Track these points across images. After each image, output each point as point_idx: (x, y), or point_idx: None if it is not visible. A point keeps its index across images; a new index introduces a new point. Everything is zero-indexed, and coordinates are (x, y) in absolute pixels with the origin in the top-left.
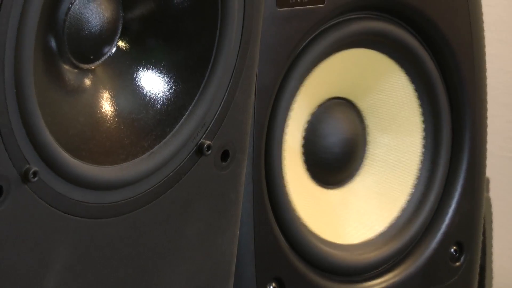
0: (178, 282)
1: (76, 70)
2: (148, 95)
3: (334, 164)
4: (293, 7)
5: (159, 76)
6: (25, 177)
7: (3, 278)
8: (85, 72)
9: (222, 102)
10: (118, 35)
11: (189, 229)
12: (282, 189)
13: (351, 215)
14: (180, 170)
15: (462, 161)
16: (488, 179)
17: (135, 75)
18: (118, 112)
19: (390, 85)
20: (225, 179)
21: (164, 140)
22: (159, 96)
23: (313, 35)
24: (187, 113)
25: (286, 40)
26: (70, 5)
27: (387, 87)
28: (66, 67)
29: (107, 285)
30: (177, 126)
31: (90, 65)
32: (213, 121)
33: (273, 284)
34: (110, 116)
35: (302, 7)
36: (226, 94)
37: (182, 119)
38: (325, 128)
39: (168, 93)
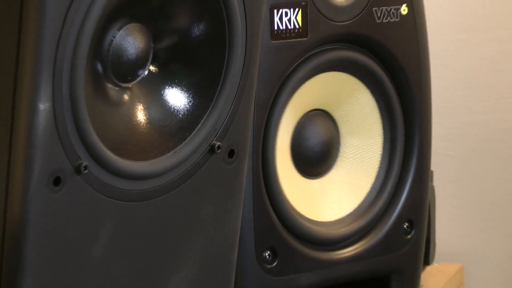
0: (196, 250)
1: (117, 88)
2: (172, 107)
3: (314, 160)
4: (283, 40)
5: (181, 92)
6: (77, 170)
7: (60, 249)
8: (124, 89)
9: (229, 113)
10: (150, 61)
11: (203, 210)
12: (275, 179)
13: (327, 199)
14: (197, 165)
15: (412, 158)
16: (432, 172)
17: (162, 92)
18: (149, 120)
19: (357, 99)
20: (231, 172)
21: (184, 142)
22: (180, 108)
23: (298, 61)
24: (202, 121)
25: (278, 65)
26: (113, 38)
27: (355, 101)
28: (109, 85)
29: (141, 252)
30: (194, 131)
31: (128, 84)
32: (222, 127)
33: (268, 252)
34: (143, 123)
35: (290, 40)
36: (232, 106)
37: (198, 126)
38: (308, 133)
39: (187, 106)
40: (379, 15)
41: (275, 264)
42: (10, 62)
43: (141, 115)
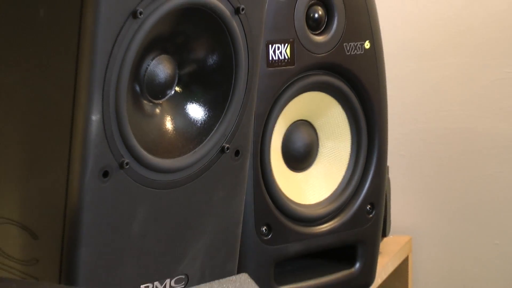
0: (209, 226)
1: (150, 104)
2: (192, 118)
3: (299, 158)
4: (276, 67)
5: (199, 107)
6: (121, 166)
7: (107, 226)
8: (156, 105)
9: (235, 122)
10: (175, 83)
11: (215, 196)
12: (270, 173)
13: (309, 187)
14: (211, 162)
15: (373, 156)
16: (388, 167)
17: (185, 107)
18: (175, 128)
19: (332, 113)
20: (237, 167)
21: (201, 144)
22: (199, 119)
23: (287, 84)
24: (215, 129)
25: (272, 87)
26: (148, 66)
27: (330, 114)
28: (145, 102)
29: (167, 228)
30: (209, 136)
31: (159, 101)
32: (230, 133)
33: (264, 227)
34: (170, 130)
35: (281, 68)
36: (237, 117)
37: (212, 132)
38: (295, 137)
39: (204, 117)
40: (348, 49)
41: (270, 236)
42: (69, 85)
43: (168, 124)
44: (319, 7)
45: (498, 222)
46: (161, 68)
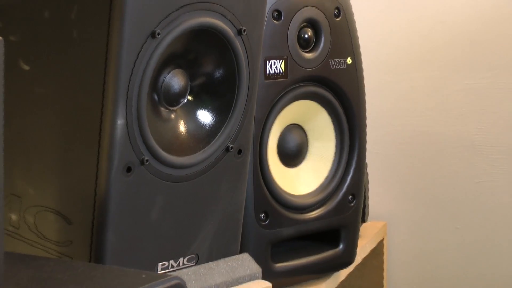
0: (216, 213)
1: (167, 110)
2: (202, 122)
3: (292, 156)
4: (272, 80)
5: (207, 113)
6: (142, 162)
7: (130, 212)
8: (171, 111)
9: (238, 126)
10: (187, 93)
11: (221, 188)
12: (267, 168)
13: (300, 180)
14: (217, 159)
15: (354, 155)
16: (366, 164)
17: (196, 112)
18: (187, 130)
19: (319, 118)
20: (239, 164)
21: (210, 144)
22: (207, 123)
23: (282, 94)
24: (221, 131)
25: (269, 96)
26: (164, 79)
27: (318, 119)
28: (162, 108)
29: (181, 215)
30: (216, 138)
31: (174, 108)
32: (233, 135)
33: (263, 214)
34: (183, 132)
35: (276, 80)
36: (240, 122)
37: (218, 134)
38: (288, 138)
39: (211, 121)
40: (333, 64)
41: (267, 222)
42: (98, 94)
43: (182, 128)
44: (309, 29)
45: (458, 210)
46: (175, 80)
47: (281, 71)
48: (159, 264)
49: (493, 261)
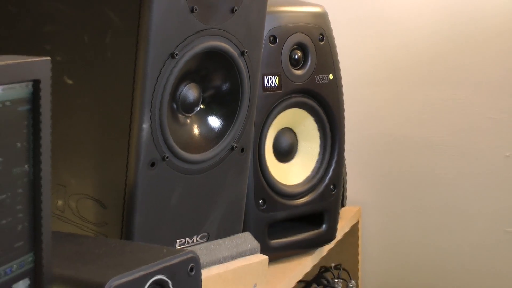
0: (223, 200)
1: (183, 116)
2: (212, 126)
3: (285, 153)
4: (268, 92)
5: (216, 119)
6: (163, 158)
7: (154, 199)
8: (187, 117)
9: (241, 129)
10: (200, 102)
11: (227, 180)
12: (264, 163)
13: (292, 173)
14: (224, 156)
15: (335, 152)
16: (345, 160)
17: (207, 118)
18: (200, 133)
19: (307, 123)
20: (242, 160)
21: (218, 144)
22: (216, 126)
23: (276, 103)
24: (227, 133)
25: (266, 105)
26: (181, 91)
27: (306, 123)
28: (179, 115)
29: (194, 202)
30: (223, 139)
31: (189, 115)
32: (237, 136)
33: (261, 200)
34: (197, 134)
35: (272, 92)
36: (242, 126)
37: (225, 136)
38: (282, 139)
39: (220, 125)
40: (318, 79)
41: (264, 207)
42: (128, 103)
43: (195, 130)
44: (298, 51)
45: (419, 197)
46: (190, 92)
47: (276, 85)
48: (177, 240)
49: (442, 233)
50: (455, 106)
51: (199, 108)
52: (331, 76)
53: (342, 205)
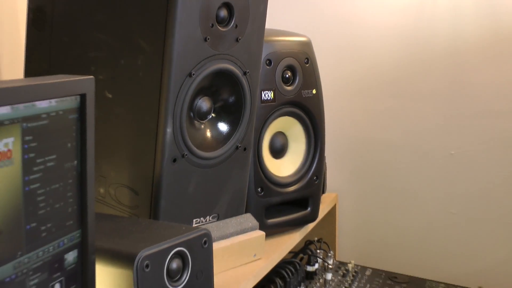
0: (229, 188)
1: (198, 122)
2: (221, 130)
3: (278, 151)
4: (265, 103)
5: (224, 125)
6: (182, 156)
7: (175, 188)
8: (201, 123)
9: (244, 133)
10: (212, 112)
11: (233, 173)
12: (262, 159)
13: (283, 167)
14: (231, 154)
15: (317, 151)
16: (325, 157)
17: (217, 124)
18: (211, 136)
19: (295, 128)
20: (245, 157)
21: (225, 144)
22: (224, 130)
23: (271, 112)
24: (233, 136)
25: (263, 114)
26: (197, 103)
27: (294, 128)
28: (195, 121)
29: (206, 190)
30: (229, 140)
31: (203, 121)
32: (241, 138)
33: (259, 188)
34: (209, 137)
35: (268, 103)
36: (245, 130)
37: (231, 138)
38: (275, 141)
39: (227, 130)
40: (304, 93)
41: (262, 193)
42: (155, 112)
43: (208, 134)
44: (289, 71)
45: (385, 187)
46: (204, 104)
47: (271, 98)
48: (194, 220)
49: (400, 214)
50: (410, 114)
51: (211, 116)
52: (314, 91)
53: (323, 192)
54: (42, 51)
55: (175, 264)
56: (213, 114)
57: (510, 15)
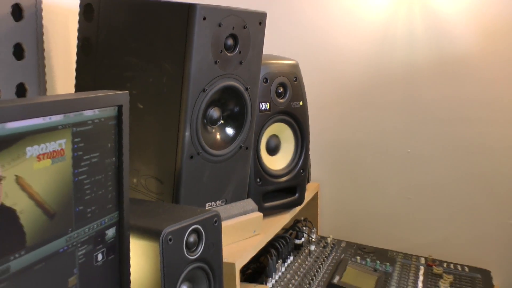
0: (235, 179)
1: (210, 127)
2: (228, 133)
3: (273, 150)
4: (263, 112)
5: (231, 129)
6: (198, 153)
7: (193, 178)
8: (213, 128)
9: (246, 135)
10: (221, 119)
11: (238, 166)
12: (260, 156)
13: (277, 162)
14: (235, 152)
15: (303, 150)
16: (309, 154)
17: (225, 129)
18: (220, 137)
19: (286, 131)
20: (247, 154)
21: (231, 144)
22: (230, 134)
23: (267, 119)
24: (237, 138)
25: (261, 121)
26: (209, 112)
27: (285, 132)
28: (208, 126)
29: (217, 180)
30: (235, 141)
31: (214, 126)
32: (244, 139)
33: (258, 179)
34: (219, 139)
35: (265, 113)
36: (247, 133)
37: (236, 140)
38: (271, 141)
39: (233, 133)
40: (293, 105)
41: (260, 183)
42: (176, 119)
43: (218, 136)
44: (281, 87)
45: (356, 177)
46: (215, 113)
47: (267, 108)
48: (207, 204)
49: (368, 199)
50: (376, 120)
51: (220, 122)
52: (301, 103)
53: (308, 181)
54: (88, 71)
55: (192, 238)
56: (221, 121)
57: (451, 43)
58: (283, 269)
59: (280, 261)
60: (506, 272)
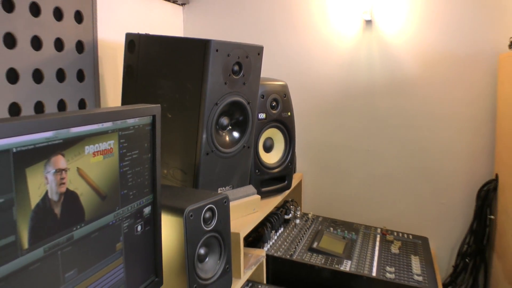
0: (239, 171)
1: (221, 131)
2: (234, 136)
3: (268, 148)
4: (261, 121)
5: (236, 133)
6: (212, 151)
7: (210, 169)
8: (223, 132)
9: (248, 137)
10: (229, 125)
11: (241, 161)
12: (258, 153)
13: (271, 158)
14: (240, 151)
15: (291, 149)
16: (295, 152)
17: (232, 132)
18: (229, 139)
19: (278, 135)
20: (248, 152)
21: (237, 145)
22: (236, 136)
23: (264, 126)
24: (241, 140)
25: (259, 127)
26: (220, 119)
27: (277, 135)
28: (219, 131)
29: (226, 169)
30: (239, 142)
31: (224, 131)
32: (246, 141)
33: (257, 170)
34: (227, 140)
35: (262, 121)
36: (248, 136)
37: (240, 141)
38: (266, 142)
39: (238, 136)
40: (283, 115)
41: (259, 173)
42: (195, 126)
43: (227, 138)
44: (274, 102)
45: (330, 169)
46: (224, 121)
47: (264, 117)
48: (219, 188)
49: (340, 185)
50: (345, 125)
51: (228, 128)
52: (289, 114)
53: (294, 172)
54: (131, 90)
55: (207, 215)
56: (230, 127)
57: (399, 68)
58: (275, 237)
59: (273, 232)
60: (439, 239)
